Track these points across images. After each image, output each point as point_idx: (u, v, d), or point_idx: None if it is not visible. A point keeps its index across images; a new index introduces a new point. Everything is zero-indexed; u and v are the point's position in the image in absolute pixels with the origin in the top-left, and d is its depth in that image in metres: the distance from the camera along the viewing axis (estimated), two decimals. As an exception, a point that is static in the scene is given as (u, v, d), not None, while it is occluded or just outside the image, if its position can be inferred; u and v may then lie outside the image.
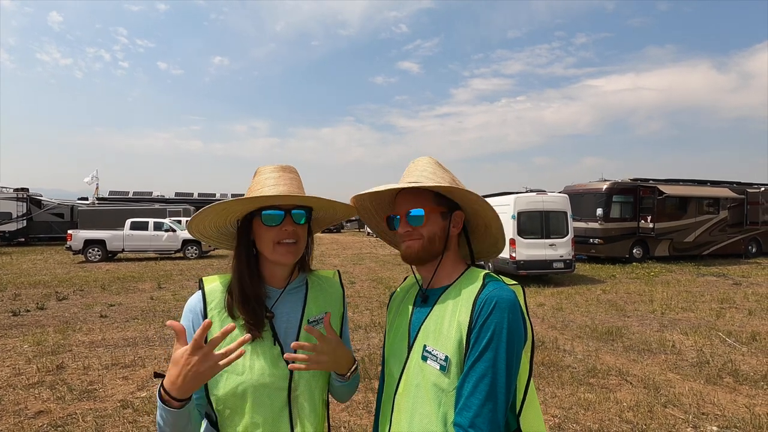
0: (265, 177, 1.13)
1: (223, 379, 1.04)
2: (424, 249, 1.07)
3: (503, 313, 0.94)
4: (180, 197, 27.71)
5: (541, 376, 4.61)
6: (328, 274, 1.29)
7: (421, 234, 1.07)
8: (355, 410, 3.81)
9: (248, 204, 1.09)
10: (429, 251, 1.08)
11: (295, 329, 1.13)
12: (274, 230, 1.08)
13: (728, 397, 4.06)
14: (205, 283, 1.14)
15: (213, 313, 1.08)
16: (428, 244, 1.07)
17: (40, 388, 4.28)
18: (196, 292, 1.12)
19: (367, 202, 1.24)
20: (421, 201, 1.09)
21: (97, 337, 6.13)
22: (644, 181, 15.10)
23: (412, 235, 1.08)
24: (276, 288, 1.16)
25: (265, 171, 1.14)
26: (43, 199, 24.79)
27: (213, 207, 1.09)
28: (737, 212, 15.95)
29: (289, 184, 1.12)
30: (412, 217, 1.08)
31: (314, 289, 1.21)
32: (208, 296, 1.10)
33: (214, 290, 1.11)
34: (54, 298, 8.89)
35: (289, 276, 1.18)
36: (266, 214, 1.08)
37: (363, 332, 6.34)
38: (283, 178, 1.12)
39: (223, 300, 1.10)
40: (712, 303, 8.31)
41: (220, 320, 1.07)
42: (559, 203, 10.90)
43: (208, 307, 1.08)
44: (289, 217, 1.09)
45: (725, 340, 5.85)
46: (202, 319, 1.07)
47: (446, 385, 0.96)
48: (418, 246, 1.08)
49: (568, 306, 8.11)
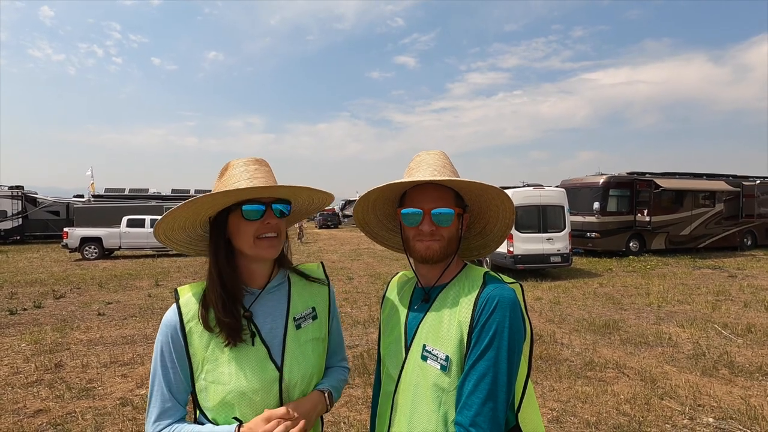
0: (240, 171, 1.07)
1: (211, 390, 1.02)
2: (443, 251, 1.05)
3: (505, 313, 0.94)
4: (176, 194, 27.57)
5: (538, 369, 4.64)
6: (311, 267, 1.25)
7: (443, 235, 1.04)
8: (355, 405, 3.83)
9: (236, 196, 1.03)
10: (447, 253, 1.06)
11: (281, 329, 1.09)
12: (255, 224, 1.04)
13: (724, 389, 4.10)
14: (180, 294, 1.10)
15: (190, 326, 1.04)
16: (447, 245, 1.05)
17: (39, 387, 4.27)
18: (172, 305, 1.07)
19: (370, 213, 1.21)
20: (446, 200, 1.05)
21: (95, 335, 6.12)
22: (641, 174, 15.14)
23: (435, 236, 1.04)
24: (255, 288, 1.12)
25: (239, 164, 1.09)
26: (38, 197, 24.61)
27: (192, 202, 1.02)
28: (733, 205, 16.03)
29: (267, 177, 1.08)
30: (441, 216, 1.03)
31: (297, 285, 1.18)
32: (183, 308, 1.06)
33: (189, 301, 1.07)
34: (51, 297, 8.85)
35: (269, 274, 1.14)
36: (248, 208, 1.03)
37: (362, 328, 6.36)
38: (260, 171, 1.08)
39: (198, 309, 1.06)
40: (708, 295, 8.37)
41: (198, 332, 1.04)
42: (555, 197, 10.92)
43: (185, 319, 1.05)
44: (270, 210, 1.06)
45: (721, 333, 5.90)
46: (179, 332, 1.04)
47: (447, 385, 0.96)
48: (438, 247, 1.04)
49: (565, 300, 8.15)
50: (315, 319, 1.16)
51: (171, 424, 1.01)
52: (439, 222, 1.03)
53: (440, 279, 1.08)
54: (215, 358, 1.02)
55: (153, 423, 1.01)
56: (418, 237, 1.05)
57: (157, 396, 1.02)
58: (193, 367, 1.03)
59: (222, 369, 1.01)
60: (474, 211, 1.16)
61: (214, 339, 1.03)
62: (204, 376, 1.02)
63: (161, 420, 1.01)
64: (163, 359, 1.03)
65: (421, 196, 1.05)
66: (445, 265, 1.08)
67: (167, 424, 1.01)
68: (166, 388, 1.02)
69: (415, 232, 1.05)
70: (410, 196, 1.08)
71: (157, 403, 1.02)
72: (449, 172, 1.06)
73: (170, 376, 1.03)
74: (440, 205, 1.03)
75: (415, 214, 1.05)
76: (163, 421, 1.01)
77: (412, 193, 1.08)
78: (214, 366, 1.02)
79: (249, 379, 1.01)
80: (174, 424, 1.01)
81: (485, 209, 1.15)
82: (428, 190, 1.05)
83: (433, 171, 1.05)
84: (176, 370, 1.03)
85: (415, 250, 1.07)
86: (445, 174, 1.05)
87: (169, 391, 1.02)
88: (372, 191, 1.10)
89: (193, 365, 1.03)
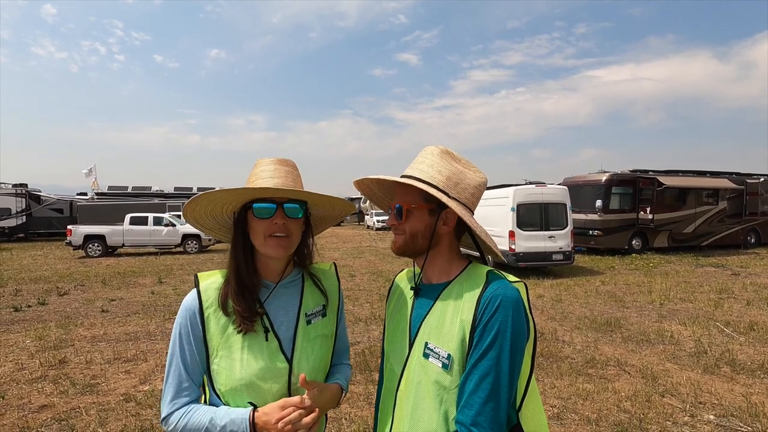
0: (261, 169, 1.12)
1: (222, 376, 1.05)
2: (405, 244, 1.08)
3: (507, 312, 0.94)
4: (179, 192, 27.66)
5: (540, 367, 4.65)
6: (324, 267, 1.29)
7: (404, 229, 1.08)
8: (356, 402, 3.85)
9: (238, 195, 1.09)
10: (410, 247, 1.09)
11: (293, 323, 1.13)
12: (265, 223, 1.08)
13: (725, 387, 4.10)
14: (200, 279, 1.13)
15: (209, 312, 1.08)
16: (410, 239, 1.08)
17: (43, 383, 4.31)
18: (192, 290, 1.11)
19: (375, 188, 1.24)
20: (408, 196, 1.08)
21: (98, 331, 6.16)
22: (643, 172, 15.09)
23: (398, 229, 1.10)
24: (271, 282, 1.16)
25: (263, 163, 1.14)
26: (42, 195, 24.73)
27: (206, 195, 1.09)
28: (736, 203, 15.95)
29: (284, 177, 1.11)
30: (396, 211, 1.09)
31: (310, 283, 1.22)
32: (203, 294, 1.10)
33: (209, 287, 1.11)
34: (55, 294, 8.91)
35: (283, 270, 1.18)
36: (257, 206, 1.08)
37: (363, 325, 6.37)
38: (279, 171, 1.12)
39: (218, 296, 1.09)
40: (710, 293, 8.35)
41: (216, 318, 1.07)
42: (558, 195, 10.90)
43: (204, 305, 1.08)
44: (281, 210, 1.09)
45: (723, 330, 5.89)
46: (198, 317, 1.07)
47: (448, 383, 0.97)
48: (400, 241, 1.09)
49: (567, 297, 8.15)
50: (324, 316, 1.20)
51: (188, 404, 1.04)
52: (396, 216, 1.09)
53: (437, 276, 1.09)
54: (229, 345, 1.06)
55: (170, 402, 1.04)
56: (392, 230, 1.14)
57: (174, 375, 1.05)
58: (209, 351, 1.07)
59: (235, 356, 1.05)
60: None
61: (230, 326, 1.07)
62: (218, 361, 1.06)
63: (178, 398, 1.04)
64: (181, 341, 1.06)
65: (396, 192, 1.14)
66: (422, 259, 1.10)
67: (184, 403, 1.04)
68: (183, 368, 1.05)
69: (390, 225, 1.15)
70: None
71: (174, 382, 1.05)
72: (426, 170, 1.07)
73: (187, 358, 1.06)
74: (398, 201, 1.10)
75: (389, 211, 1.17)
76: (180, 399, 1.04)
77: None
78: (228, 352, 1.05)
79: (260, 369, 1.05)
80: (190, 404, 1.04)
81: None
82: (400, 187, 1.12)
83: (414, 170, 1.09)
84: (193, 352, 1.06)
85: None
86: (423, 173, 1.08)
87: (186, 372, 1.05)
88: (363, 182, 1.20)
89: (209, 349, 1.07)
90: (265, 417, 0.99)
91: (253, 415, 1.00)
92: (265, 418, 0.99)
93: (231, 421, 0.99)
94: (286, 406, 1.00)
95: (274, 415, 0.99)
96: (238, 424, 0.99)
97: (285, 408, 1.00)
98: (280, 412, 0.99)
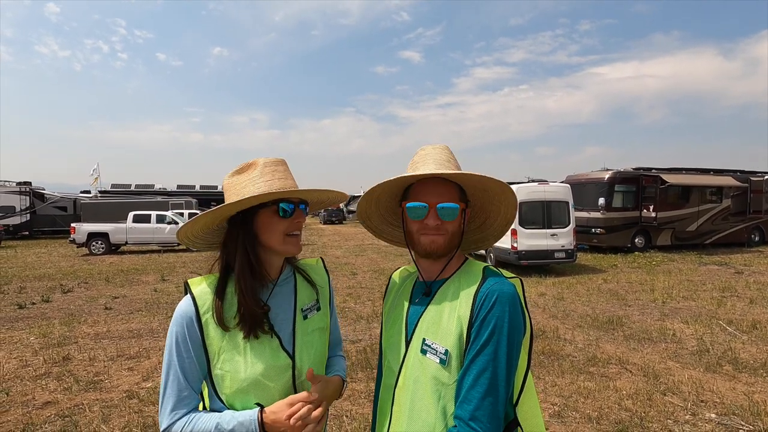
0: (271, 169, 1.12)
1: (228, 379, 1.05)
2: (447, 245, 1.05)
3: (504, 308, 0.94)
4: (182, 190, 27.76)
5: (541, 365, 4.65)
6: (311, 262, 1.31)
7: (447, 229, 1.05)
8: (357, 399, 3.86)
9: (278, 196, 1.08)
10: (450, 247, 1.07)
11: (291, 319, 1.15)
12: (286, 222, 1.10)
13: (727, 385, 4.09)
14: (191, 285, 1.10)
15: (206, 317, 1.06)
16: (451, 239, 1.06)
17: (47, 380, 4.34)
18: (185, 297, 1.08)
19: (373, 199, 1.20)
20: (451, 194, 1.06)
21: (102, 329, 6.20)
22: (647, 170, 15.00)
23: (440, 230, 1.04)
24: (269, 281, 1.17)
25: (269, 164, 1.13)
26: (46, 193, 24.87)
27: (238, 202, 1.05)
28: (740, 201, 15.85)
29: (292, 178, 1.15)
30: (447, 210, 1.04)
31: (301, 279, 1.24)
32: (199, 299, 1.07)
33: (203, 293, 1.09)
34: (59, 291, 8.96)
35: (281, 269, 1.19)
36: (285, 206, 1.09)
37: (365, 323, 6.39)
38: (288, 172, 1.15)
39: (212, 304, 1.07)
40: (713, 292, 8.32)
41: (213, 323, 1.06)
42: (560, 193, 10.87)
43: (201, 309, 1.06)
44: (298, 209, 1.12)
45: (726, 329, 5.87)
46: (195, 323, 1.05)
47: (446, 379, 0.97)
48: (442, 241, 1.05)
49: (569, 295, 8.14)
50: (319, 310, 1.22)
51: (189, 413, 1.02)
52: (444, 216, 1.03)
53: (441, 273, 1.09)
54: (231, 347, 1.06)
55: (170, 412, 1.01)
56: (422, 231, 1.06)
57: (173, 385, 1.03)
58: (209, 356, 1.05)
59: (238, 358, 1.05)
60: (475, 206, 1.17)
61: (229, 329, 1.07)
62: (220, 366, 1.05)
63: (178, 409, 1.02)
64: (179, 349, 1.04)
65: (426, 190, 1.05)
66: (447, 260, 1.08)
67: (185, 412, 1.02)
68: (182, 376, 1.03)
69: (420, 226, 1.06)
70: (415, 190, 1.08)
71: (173, 392, 1.02)
72: (453, 167, 1.07)
73: (186, 365, 1.04)
74: (446, 200, 1.04)
75: (420, 207, 1.05)
76: (180, 410, 1.02)
77: (416, 187, 1.08)
78: (230, 355, 1.05)
79: (264, 368, 1.05)
80: (191, 413, 1.02)
81: (487, 204, 1.16)
82: (433, 184, 1.06)
83: (438, 165, 1.06)
84: (192, 359, 1.04)
85: (419, 244, 1.08)
86: (450, 168, 1.06)
87: (186, 379, 1.03)
88: (378, 186, 1.11)
89: (209, 355, 1.05)
90: (273, 416, 1.00)
91: (261, 415, 1.00)
92: (274, 416, 0.99)
93: (239, 423, 0.99)
94: (294, 403, 1.01)
95: (283, 412, 0.99)
96: (247, 425, 0.99)
97: (293, 404, 1.01)
98: (289, 408, 1.00)
